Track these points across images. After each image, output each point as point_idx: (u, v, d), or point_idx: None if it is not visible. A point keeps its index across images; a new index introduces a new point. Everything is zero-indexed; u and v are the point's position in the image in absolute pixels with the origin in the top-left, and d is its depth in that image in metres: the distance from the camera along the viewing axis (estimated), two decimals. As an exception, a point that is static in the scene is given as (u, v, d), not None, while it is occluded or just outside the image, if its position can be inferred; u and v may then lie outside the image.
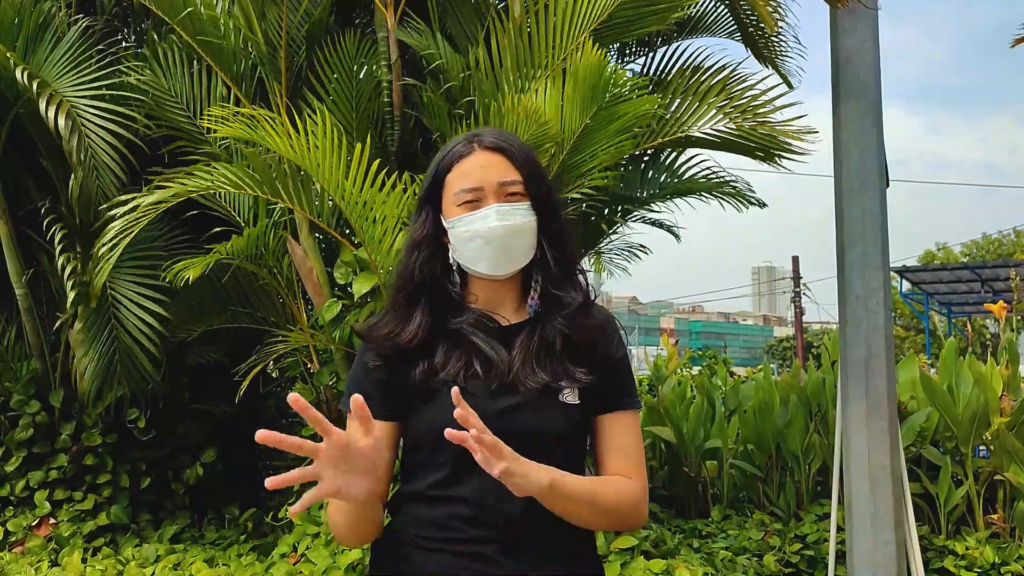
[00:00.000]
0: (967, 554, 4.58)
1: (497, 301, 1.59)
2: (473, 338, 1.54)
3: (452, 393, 1.29)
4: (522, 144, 1.60)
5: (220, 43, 4.41)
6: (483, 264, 1.54)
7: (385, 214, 3.69)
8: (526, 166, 1.56)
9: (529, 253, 1.55)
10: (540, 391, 1.50)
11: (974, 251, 36.26)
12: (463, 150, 1.57)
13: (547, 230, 1.56)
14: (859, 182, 4.12)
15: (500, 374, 1.51)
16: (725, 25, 5.49)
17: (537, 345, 1.54)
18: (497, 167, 1.54)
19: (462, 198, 1.53)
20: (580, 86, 3.81)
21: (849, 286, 4.14)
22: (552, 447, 1.49)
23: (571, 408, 1.52)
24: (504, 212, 1.52)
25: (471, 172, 1.54)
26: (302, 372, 4.73)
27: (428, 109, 4.30)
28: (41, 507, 5.12)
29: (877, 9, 4.15)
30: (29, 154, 5.33)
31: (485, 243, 1.52)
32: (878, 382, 4.04)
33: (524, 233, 1.53)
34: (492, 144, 1.56)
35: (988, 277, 17.67)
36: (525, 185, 1.54)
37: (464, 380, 1.51)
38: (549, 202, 1.57)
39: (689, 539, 5.02)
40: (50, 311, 5.46)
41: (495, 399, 1.50)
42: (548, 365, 1.52)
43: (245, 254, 4.38)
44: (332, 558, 3.84)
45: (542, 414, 1.50)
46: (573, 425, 1.53)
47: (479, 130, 1.62)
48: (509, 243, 1.52)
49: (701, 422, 5.88)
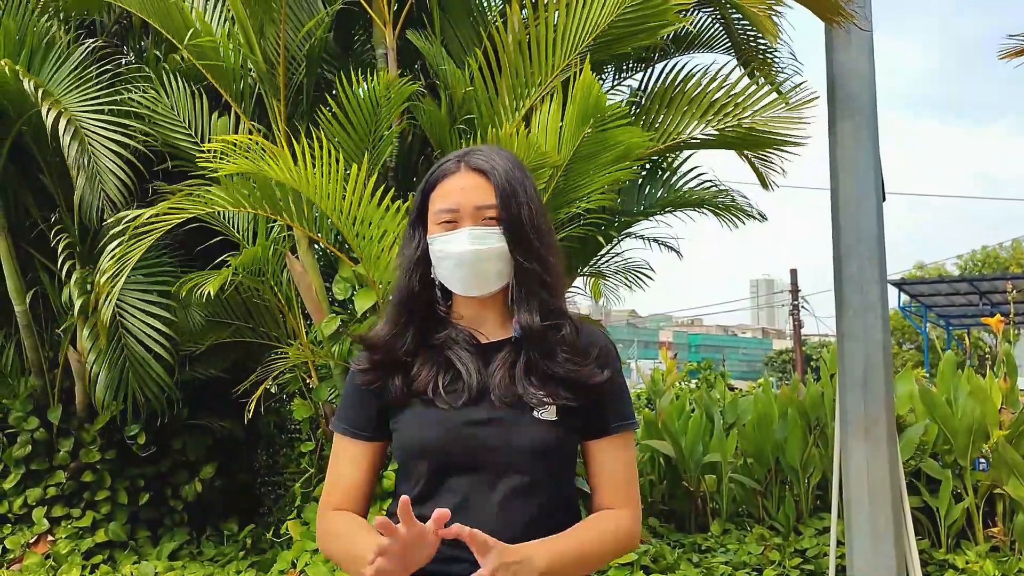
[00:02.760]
0: (968, 568, 4.57)
1: (480, 319, 1.61)
2: (449, 352, 1.56)
3: (435, 516, 1.30)
4: (510, 167, 1.58)
5: (220, 63, 4.44)
6: (456, 284, 1.57)
7: (384, 230, 3.71)
8: (503, 191, 1.54)
9: (502, 277, 1.56)
10: (512, 406, 1.51)
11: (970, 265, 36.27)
12: (449, 168, 1.58)
13: (521, 254, 1.55)
14: (856, 196, 4.15)
15: (470, 388, 1.52)
16: (721, 41, 5.52)
17: (515, 363, 1.55)
18: (476, 190, 1.55)
19: (440, 217, 1.56)
20: (576, 107, 3.84)
21: (847, 300, 4.15)
22: (524, 462, 1.50)
23: (545, 424, 1.52)
24: (477, 236, 1.53)
25: (450, 193, 1.56)
26: (301, 388, 4.74)
27: (429, 121, 4.32)
28: (39, 524, 5.11)
29: (871, 31, 4.18)
30: (29, 171, 5.36)
31: (456, 265, 1.54)
32: (876, 395, 4.05)
33: (495, 258, 1.54)
34: (476, 165, 1.56)
35: (986, 290, 17.69)
36: (498, 211, 1.54)
37: (434, 392, 1.53)
38: (526, 227, 1.55)
39: (688, 553, 5.01)
40: (49, 328, 5.47)
41: (463, 412, 1.51)
42: (525, 382, 1.53)
43: (247, 269, 4.39)
44: (331, 574, 3.83)
45: (511, 429, 1.50)
46: (547, 441, 1.52)
47: (474, 147, 1.63)
48: (479, 267, 1.53)
49: (700, 436, 5.87)
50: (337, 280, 4.36)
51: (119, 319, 4.73)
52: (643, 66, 5.52)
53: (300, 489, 4.42)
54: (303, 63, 4.45)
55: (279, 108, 4.39)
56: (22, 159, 5.29)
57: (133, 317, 4.76)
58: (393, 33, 4.43)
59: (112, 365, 4.75)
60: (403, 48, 4.64)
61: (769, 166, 5.53)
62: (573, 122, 3.90)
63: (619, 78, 5.57)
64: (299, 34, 4.33)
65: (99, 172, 4.39)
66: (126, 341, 4.76)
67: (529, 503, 1.52)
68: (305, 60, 4.44)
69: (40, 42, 4.84)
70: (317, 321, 4.39)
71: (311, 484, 4.45)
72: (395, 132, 4.35)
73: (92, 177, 4.40)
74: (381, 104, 4.14)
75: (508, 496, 1.50)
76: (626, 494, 1.59)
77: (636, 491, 1.62)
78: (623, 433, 1.61)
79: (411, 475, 1.56)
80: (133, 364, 4.78)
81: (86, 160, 4.37)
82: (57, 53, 4.86)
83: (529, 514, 1.51)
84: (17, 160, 5.28)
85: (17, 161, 5.28)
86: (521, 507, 1.51)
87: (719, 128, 4.40)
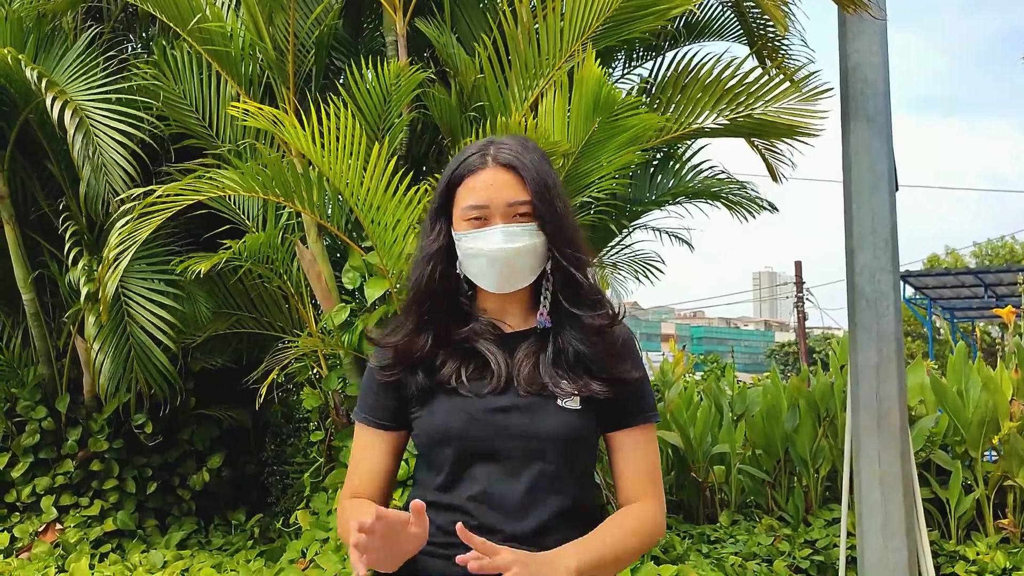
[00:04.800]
0: (978, 559, 4.56)
1: (504, 311, 1.59)
2: (475, 343, 1.55)
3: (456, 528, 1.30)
4: (538, 160, 1.57)
5: (228, 50, 4.41)
6: (486, 282, 1.55)
7: (398, 218, 3.69)
8: (538, 186, 1.52)
9: (534, 272, 1.55)
10: (536, 395, 1.50)
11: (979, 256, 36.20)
12: (476, 163, 1.55)
13: (559, 248, 1.54)
14: (868, 186, 4.11)
15: (495, 376, 1.52)
16: (733, 30, 5.48)
17: (541, 352, 1.54)
18: (506, 186, 1.52)
19: (469, 214, 1.53)
20: (584, 98, 3.81)
21: (859, 290, 4.12)
22: (548, 449, 1.50)
23: (569, 413, 1.51)
24: (510, 233, 1.51)
25: (479, 189, 1.53)
26: (310, 377, 4.72)
27: (440, 109, 4.29)
28: (47, 513, 5.10)
29: (886, 20, 4.14)
30: (36, 159, 5.34)
31: (488, 263, 1.52)
32: (889, 386, 4.02)
33: (529, 254, 1.52)
34: (505, 161, 1.53)
35: (992, 282, 17.63)
36: (534, 205, 1.52)
37: (458, 381, 1.52)
38: (561, 222, 1.55)
39: (698, 544, 5.00)
40: (56, 317, 5.46)
41: (488, 399, 1.51)
42: (549, 372, 1.52)
43: (255, 257, 4.37)
44: (342, 564, 3.82)
45: (535, 416, 1.50)
46: (572, 429, 1.51)
47: (497, 138, 1.60)
48: (513, 263, 1.52)
49: (708, 427, 5.86)
50: (346, 269, 4.34)
51: (124, 307, 4.71)
52: (653, 54, 5.48)
53: (310, 479, 4.41)
54: (312, 50, 4.42)
55: (289, 96, 4.36)
56: (29, 147, 5.27)
57: (138, 305, 4.74)
58: (403, 20, 4.39)
59: (117, 354, 4.73)
60: (413, 35, 4.61)
61: (778, 157, 5.50)
62: (583, 108, 3.86)
63: (629, 66, 5.54)
64: (308, 20, 4.29)
65: (105, 164, 4.36)
66: (131, 329, 4.74)
67: (554, 491, 1.51)
68: (314, 47, 4.41)
69: (45, 30, 4.82)
70: (327, 310, 4.37)
71: (320, 474, 4.44)
72: (406, 120, 4.33)
73: (98, 168, 4.37)
74: (392, 92, 4.12)
75: (533, 484, 1.49)
76: (650, 486, 1.58)
77: (660, 483, 1.61)
78: (647, 425, 1.61)
79: (434, 463, 1.55)
80: (137, 353, 4.76)
81: (91, 152, 4.34)
82: (62, 41, 4.84)
83: (556, 502, 1.51)
84: (24, 148, 5.25)
85: (24, 149, 5.26)
86: (547, 495, 1.50)
87: (732, 117, 4.36)
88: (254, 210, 4.74)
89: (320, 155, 3.61)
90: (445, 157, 4.54)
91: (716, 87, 4.35)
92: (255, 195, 3.88)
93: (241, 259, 4.31)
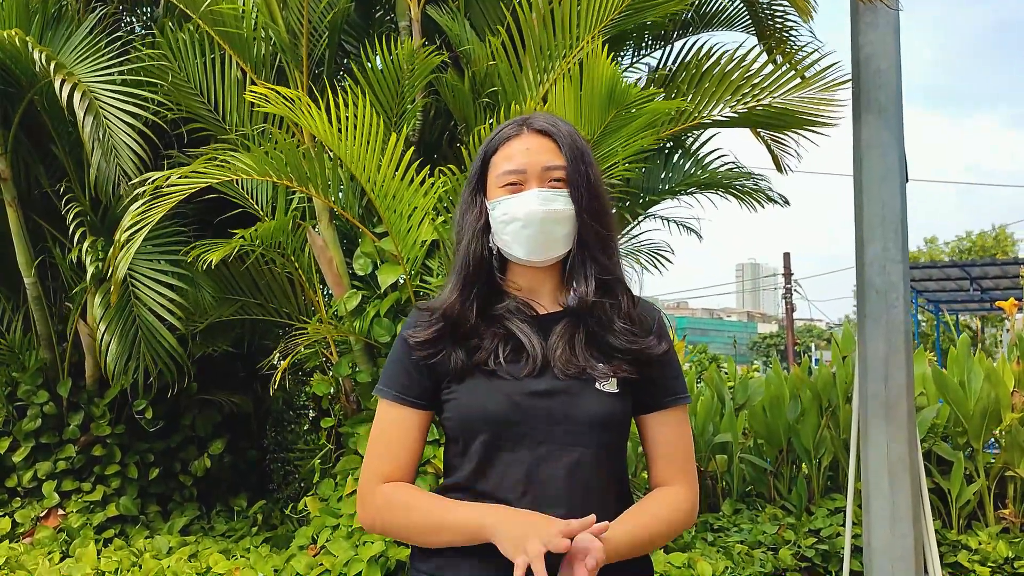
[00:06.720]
0: (980, 548, 4.61)
1: (536, 290, 1.59)
2: (509, 323, 1.54)
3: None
4: (572, 130, 1.57)
5: (239, 31, 4.36)
6: (520, 248, 1.53)
7: (415, 205, 3.67)
8: (573, 152, 1.53)
9: (568, 241, 1.53)
10: (574, 378, 1.49)
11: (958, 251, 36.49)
12: (511, 132, 1.56)
13: (588, 222, 1.53)
14: (879, 177, 4.13)
15: (533, 359, 1.50)
16: (742, 20, 5.48)
17: (574, 334, 1.53)
18: (543, 151, 1.53)
19: (504, 180, 1.53)
20: (596, 89, 3.79)
21: (869, 281, 4.14)
22: (584, 432, 1.48)
23: (607, 396, 1.50)
24: (546, 197, 1.50)
25: (515, 154, 1.53)
26: (320, 364, 4.70)
27: (452, 95, 4.26)
28: (49, 498, 5.07)
29: (898, 10, 4.15)
30: (40, 141, 5.27)
31: (523, 226, 1.51)
32: (897, 377, 4.05)
33: (564, 220, 1.52)
34: (540, 127, 1.54)
35: (977, 275, 17.80)
36: (568, 172, 1.52)
37: (496, 363, 1.51)
38: (594, 191, 1.55)
39: (702, 533, 5.02)
40: (58, 301, 5.41)
41: (526, 382, 1.49)
42: (585, 354, 1.51)
43: (266, 243, 4.34)
44: (354, 550, 3.81)
45: (574, 399, 1.49)
46: (611, 413, 1.51)
47: (530, 115, 1.60)
48: (548, 228, 1.51)
49: (710, 416, 5.88)
50: (358, 255, 4.31)
51: (131, 289, 4.67)
52: (662, 44, 5.48)
53: (319, 465, 4.39)
54: (325, 34, 4.38)
55: (301, 80, 4.32)
56: (33, 129, 5.20)
57: (145, 287, 4.70)
58: (417, 4, 4.36)
59: (123, 335, 4.69)
60: (424, 23, 4.58)
61: (785, 150, 5.51)
62: (596, 98, 3.85)
63: (639, 54, 5.52)
64: (321, 3, 4.25)
65: (115, 147, 4.31)
66: (138, 311, 4.70)
67: (595, 474, 1.50)
68: (327, 31, 4.37)
69: (51, 11, 4.75)
70: (338, 296, 4.35)
71: (330, 460, 4.42)
72: (419, 105, 4.30)
73: (108, 151, 4.32)
74: (404, 76, 4.09)
75: (573, 468, 1.48)
76: (683, 469, 1.58)
77: (693, 466, 1.61)
78: (680, 407, 1.61)
79: (468, 448, 1.52)
80: (144, 334, 4.72)
81: (102, 134, 4.29)
82: (68, 22, 4.77)
83: (597, 485, 1.50)
84: (28, 129, 5.18)
85: (28, 131, 5.19)
86: (588, 478, 1.49)
87: (750, 106, 4.36)
88: (264, 195, 4.71)
89: (337, 139, 3.58)
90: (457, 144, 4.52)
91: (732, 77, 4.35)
92: (269, 179, 3.84)
93: (253, 245, 4.28)
